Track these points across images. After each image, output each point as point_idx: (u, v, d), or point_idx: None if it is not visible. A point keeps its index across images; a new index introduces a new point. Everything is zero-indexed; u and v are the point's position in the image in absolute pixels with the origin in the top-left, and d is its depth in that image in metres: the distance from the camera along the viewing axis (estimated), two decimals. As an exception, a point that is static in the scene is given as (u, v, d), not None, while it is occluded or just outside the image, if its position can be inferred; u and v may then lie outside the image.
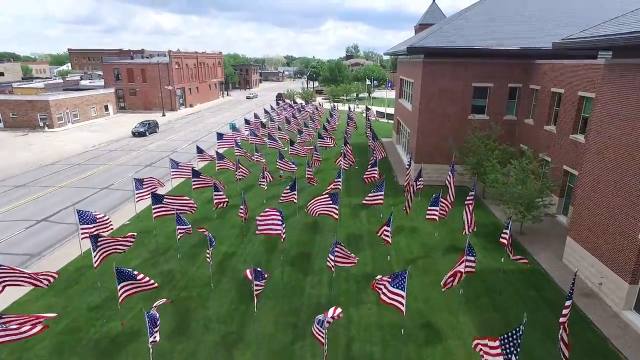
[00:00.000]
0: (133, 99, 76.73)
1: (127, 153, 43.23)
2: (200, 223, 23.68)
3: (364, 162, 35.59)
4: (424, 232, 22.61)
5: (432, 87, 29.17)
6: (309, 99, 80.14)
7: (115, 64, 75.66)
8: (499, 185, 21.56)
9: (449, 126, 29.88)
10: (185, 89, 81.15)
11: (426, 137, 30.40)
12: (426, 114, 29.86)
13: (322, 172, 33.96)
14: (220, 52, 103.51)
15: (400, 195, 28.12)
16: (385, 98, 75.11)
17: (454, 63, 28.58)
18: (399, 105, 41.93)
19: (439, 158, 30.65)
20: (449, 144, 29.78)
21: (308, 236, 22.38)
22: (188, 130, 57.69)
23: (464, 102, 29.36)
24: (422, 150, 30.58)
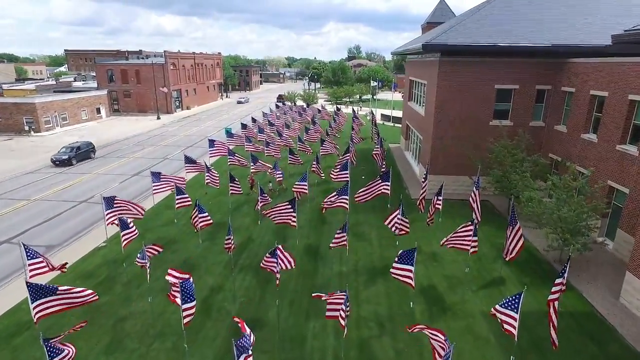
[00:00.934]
0: (127, 101, 73.67)
1: (114, 160, 40.06)
2: (185, 245, 20.49)
3: (369, 171, 32.37)
4: (446, 260, 19.31)
5: (450, 89, 25.93)
6: (310, 101, 76.97)
7: (108, 64, 72.64)
8: (536, 205, 18.25)
9: (468, 133, 26.62)
10: (182, 90, 78.07)
11: (442, 146, 27.14)
12: (442, 120, 26.61)
13: (321, 185, 30.67)
14: (219, 53, 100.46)
15: (414, 212, 24.83)
16: (391, 100, 71.85)
17: (474, 62, 25.34)
18: (408, 109, 38.68)
19: (456, 169, 27.38)
20: (467, 153, 26.55)
21: (310, 264, 19.11)
22: (182, 134, 54.53)
23: (485, 107, 26.11)
24: (437, 160, 27.31)
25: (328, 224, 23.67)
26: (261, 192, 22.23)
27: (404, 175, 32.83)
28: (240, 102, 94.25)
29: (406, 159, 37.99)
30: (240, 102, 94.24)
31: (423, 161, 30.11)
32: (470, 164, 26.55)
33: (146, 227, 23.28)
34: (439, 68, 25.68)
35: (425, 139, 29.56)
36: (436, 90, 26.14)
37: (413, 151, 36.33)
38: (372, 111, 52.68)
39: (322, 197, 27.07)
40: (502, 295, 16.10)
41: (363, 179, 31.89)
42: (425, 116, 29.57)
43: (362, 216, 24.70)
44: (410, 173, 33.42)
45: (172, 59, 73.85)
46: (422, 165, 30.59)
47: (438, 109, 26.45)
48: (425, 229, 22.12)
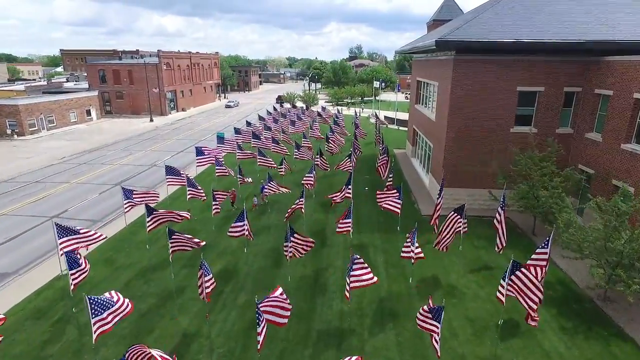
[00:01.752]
0: (120, 102, 70.75)
1: (98, 167, 37.09)
2: (161, 274, 17.44)
3: (374, 181, 29.34)
4: (467, 296, 16.24)
5: (465, 92, 22.90)
6: (310, 103, 73.98)
7: (100, 64, 69.71)
8: (577, 232, 15.18)
9: (486, 142, 23.61)
10: (177, 91, 75.12)
11: (456, 155, 24.10)
12: (457, 126, 23.57)
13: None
14: (217, 53, 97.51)
15: (425, 230, 21.75)
16: (395, 101, 68.78)
17: (494, 62, 22.32)
18: (415, 113, 35.63)
19: (473, 181, 24.36)
20: (488, 165, 23.57)
21: (306, 302, 16.06)
22: (174, 138, 51.54)
23: (505, 111, 23.06)
24: (451, 171, 24.27)
25: (328, 247, 20.64)
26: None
27: (412, 186, 29.75)
28: (229, 106, 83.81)
29: (413, 166, 34.93)
30: (229, 106, 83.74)
31: (434, 171, 27.07)
32: (489, 175, 23.55)
33: (116, 248, 20.28)
34: (453, 68, 22.65)
35: (436, 147, 26.49)
36: (450, 93, 23.10)
37: (421, 158, 33.28)
38: (376, 113, 49.61)
39: (321, 213, 24.23)
40: (541, 349, 13.05)
41: (366, 190, 28.93)
42: (437, 121, 26.53)
43: (367, 237, 21.66)
44: (419, 184, 30.35)
45: (166, 58, 70.92)
46: (432, 176, 27.57)
47: (452, 114, 23.42)
48: (440, 255, 19.09)
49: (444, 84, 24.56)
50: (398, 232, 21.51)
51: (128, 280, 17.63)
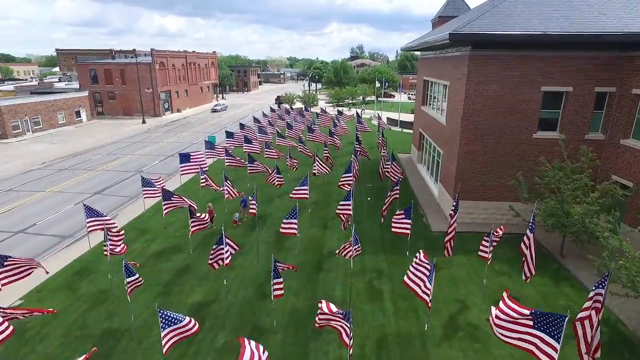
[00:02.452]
0: (112, 103, 68.13)
1: (80, 173, 34.41)
2: (120, 307, 14.70)
3: (377, 190, 26.58)
4: (493, 340, 13.44)
5: (482, 92, 20.15)
6: (310, 104, 71.21)
7: (91, 64, 67.10)
8: (631, 264, 12.39)
9: (504, 148, 20.87)
10: (172, 92, 72.46)
11: (470, 163, 21.34)
12: (472, 131, 20.82)
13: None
14: (214, 52, 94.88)
15: (436, 249, 18.99)
16: (399, 102, 65.97)
17: (515, 58, 19.56)
18: (421, 115, 32.85)
19: (489, 193, 21.61)
20: (503, 174, 20.87)
21: (296, 347, 13.29)
22: (166, 141, 48.85)
23: (527, 115, 20.30)
24: (464, 181, 21.51)
25: (325, 272, 17.90)
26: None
27: (419, 197, 26.96)
28: (215, 110, 74.54)
29: (419, 173, 32.14)
30: (216, 110, 74.66)
31: (444, 181, 24.30)
32: (508, 187, 20.81)
33: (67, 283, 17.42)
34: (469, 65, 19.88)
35: (448, 154, 23.70)
36: (465, 94, 20.33)
37: (428, 165, 30.50)
38: (378, 114, 46.81)
39: (317, 229, 21.44)
40: (595, 420, 10.27)
41: (369, 201, 26.18)
42: (448, 126, 23.75)
43: (370, 259, 18.88)
44: (427, 194, 27.55)
45: (160, 57, 68.26)
46: (442, 186, 24.79)
47: (466, 118, 20.65)
48: (456, 281, 16.33)
49: (457, 83, 21.80)
50: (407, 253, 18.76)
51: (85, 312, 14.89)
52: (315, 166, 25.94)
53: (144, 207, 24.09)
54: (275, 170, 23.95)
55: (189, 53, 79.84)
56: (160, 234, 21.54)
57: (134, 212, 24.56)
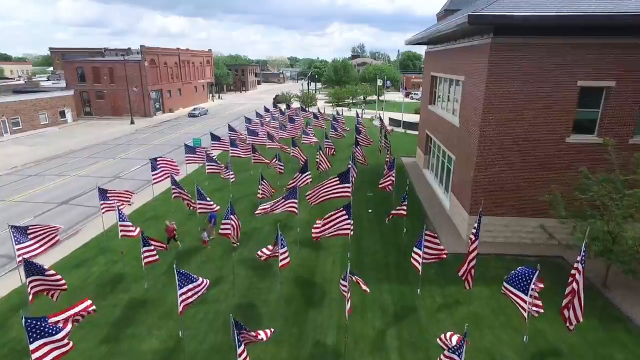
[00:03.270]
0: (100, 103, 64.89)
1: (50, 179, 31.17)
2: None
3: (380, 200, 23.29)
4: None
5: (506, 87, 16.84)
6: (308, 103, 67.91)
7: (78, 61, 63.83)
8: None
9: (531, 155, 17.53)
10: (164, 91, 69.20)
11: (490, 173, 18.00)
12: (492, 134, 17.49)
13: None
14: (210, 50, 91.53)
15: (451, 277, 15.69)
16: (402, 102, 62.59)
17: (549, 46, 16.22)
18: (429, 115, 29.51)
19: (512, 207, 18.28)
20: (529, 184, 17.56)
21: None
22: (153, 143, 45.56)
23: (560, 114, 16.96)
24: (483, 193, 18.18)
25: (317, 308, 14.56)
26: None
27: (427, 209, 23.60)
28: (193, 115, 64.91)
29: (426, 180, 28.78)
30: (194, 115, 64.88)
31: (457, 192, 20.93)
32: (535, 200, 17.50)
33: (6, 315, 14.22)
34: (490, 55, 16.55)
35: (462, 161, 20.32)
36: (484, 90, 17.00)
37: (436, 172, 27.14)
38: (379, 115, 43.47)
39: (308, 249, 18.06)
40: None
41: (370, 213, 22.87)
42: (462, 128, 20.40)
43: (373, 290, 15.48)
44: (436, 205, 24.19)
45: (150, 55, 64.99)
46: (454, 197, 21.43)
47: (487, 119, 17.31)
48: (479, 325, 13.00)
49: (475, 78, 18.45)
50: (418, 280, 15.42)
51: None
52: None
53: (103, 224, 20.62)
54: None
55: (183, 50, 76.62)
56: (124, 254, 18.25)
57: (97, 228, 21.21)
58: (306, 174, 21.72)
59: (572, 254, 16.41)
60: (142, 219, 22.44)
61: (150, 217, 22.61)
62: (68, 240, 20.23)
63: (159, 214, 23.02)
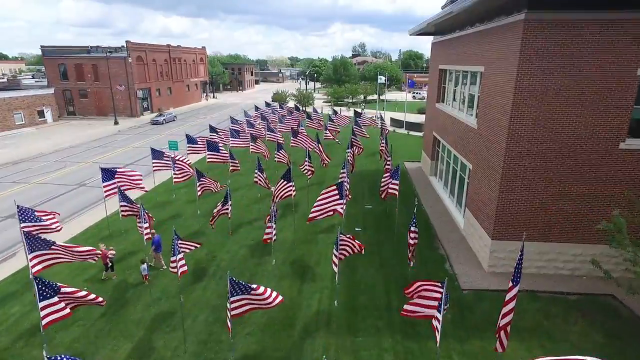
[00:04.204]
0: (84, 102, 61.15)
1: (5, 187, 27.40)
2: None
3: (379, 213, 19.47)
4: None
5: (542, 78, 13.01)
6: (305, 103, 64.11)
7: (60, 58, 60.03)
8: None
9: (574, 164, 13.69)
10: (152, 89, 65.41)
11: (520, 186, 14.16)
12: (523, 138, 13.65)
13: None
14: (204, 47, 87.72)
15: (473, 328, 11.88)
16: (404, 101, 58.68)
17: (596, 23, 12.40)
18: (436, 115, 25.66)
19: (547, 230, 14.45)
20: (569, 202, 13.76)
21: None
22: (132, 145, 41.76)
23: (612, 112, 13.11)
24: (511, 213, 14.37)
25: (296, 339, 10.74)
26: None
27: (436, 226, 19.74)
28: (156, 122, 54.12)
29: (434, 190, 24.93)
30: (157, 122, 54.08)
31: (474, 208, 17.06)
32: (578, 222, 13.70)
33: None
34: (523, 36, 12.72)
35: (481, 171, 16.44)
36: (515, 81, 13.17)
37: (446, 181, 23.30)
38: (380, 115, 39.64)
39: (288, 281, 14.18)
40: None
41: (365, 233, 19.02)
42: (481, 130, 16.55)
43: (369, 346, 11.68)
44: (447, 223, 20.32)
45: (137, 51, 61.21)
46: (470, 213, 17.57)
47: (517, 119, 13.48)
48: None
49: (500, 68, 14.61)
50: (430, 328, 11.60)
51: None
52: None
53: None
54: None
55: (173, 47, 72.83)
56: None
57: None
58: (289, 185, 17.90)
59: (620, 291, 12.60)
60: (97, 238, 18.68)
61: (105, 237, 18.79)
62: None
63: (115, 232, 19.22)
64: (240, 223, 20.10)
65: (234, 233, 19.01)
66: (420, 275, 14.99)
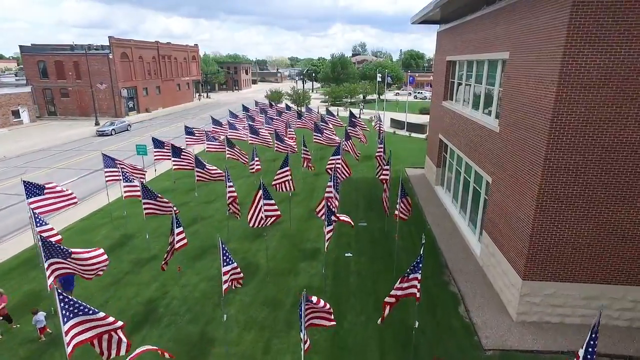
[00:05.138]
0: (65, 101, 57.59)
1: (-54, 199, 23.82)
2: None
3: (377, 234, 15.86)
4: None
5: (597, 64, 9.33)
6: (301, 103, 60.48)
7: (39, 55, 56.45)
8: None
9: (638, 179, 10.03)
10: (138, 88, 61.80)
11: (564, 210, 10.48)
12: (571, 146, 9.97)
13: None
14: (196, 45, 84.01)
15: None
16: (406, 101, 54.94)
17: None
18: (443, 115, 22.00)
19: (601, 268, 10.75)
20: (627, 230, 10.05)
21: None
22: (106, 149, 38.12)
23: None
24: (551, 244, 10.70)
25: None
26: None
27: (445, 251, 16.05)
28: (102, 133, 43.36)
29: (441, 203, 21.25)
30: (103, 133, 43.32)
31: (497, 235, 13.35)
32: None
33: None
34: (573, 7, 9.06)
35: (506, 187, 12.71)
36: (559, 70, 9.51)
37: (456, 193, 19.62)
38: (379, 116, 35.96)
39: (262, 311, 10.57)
40: None
41: (350, 257, 15.41)
42: (505, 133, 12.87)
43: None
44: (460, 250, 16.63)
45: (121, 48, 57.60)
46: (491, 241, 13.87)
47: (561, 119, 9.83)
48: None
49: (535, 50, 10.94)
50: None
51: None
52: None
53: None
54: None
55: (162, 44, 69.22)
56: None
57: None
58: (272, 201, 14.26)
59: None
60: (25, 268, 15.08)
61: (36, 266, 15.15)
62: None
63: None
64: (207, 247, 16.48)
65: (196, 260, 15.41)
66: (427, 325, 11.36)
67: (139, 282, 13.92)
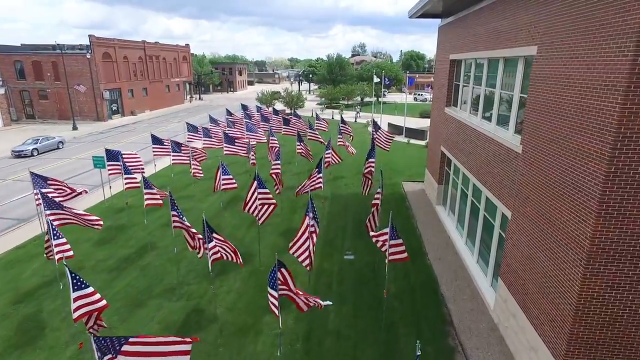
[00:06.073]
0: (44, 104, 54.40)
1: None
2: None
3: (365, 274, 12.56)
4: None
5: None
6: (294, 104, 57.21)
7: (15, 55, 53.23)
8: None
9: None
10: (123, 90, 58.53)
11: (626, 271, 7.12)
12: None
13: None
14: (187, 45, 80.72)
15: None
16: (405, 103, 51.59)
17: None
18: (446, 124, 18.69)
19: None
20: None
21: None
22: (76, 157, 34.84)
23: None
24: (604, 318, 7.33)
25: None
26: None
27: (449, 300, 12.74)
28: (20, 154, 33.45)
29: (442, 227, 17.94)
30: (21, 154, 33.44)
31: (515, 286, 10.03)
32: None
33: None
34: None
35: (531, 227, 9.37)
36: (629, 69, 6.16)
37: (461, 217, 16.31)
38: (373, 120, 32.43)
39: None
40: None
41: (330, 306, 12.09)
42: (532, 155, 9.54)
43: None
44: (468, 296, 13.30)
45: (104, 47, 54.37)
46: (509, 294, 10.54)
47: (628, 140, 6.47)
48: None
49: (580, 45, 7.63)
50: None
51: None
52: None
53: None
54: None
55: (150, 44, 65.92)
56: None
57: None
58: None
59: None
60: None
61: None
62: None
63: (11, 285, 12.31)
64: (156, 286, 13.19)
65: (142, 305, 12.16)
66: None
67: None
